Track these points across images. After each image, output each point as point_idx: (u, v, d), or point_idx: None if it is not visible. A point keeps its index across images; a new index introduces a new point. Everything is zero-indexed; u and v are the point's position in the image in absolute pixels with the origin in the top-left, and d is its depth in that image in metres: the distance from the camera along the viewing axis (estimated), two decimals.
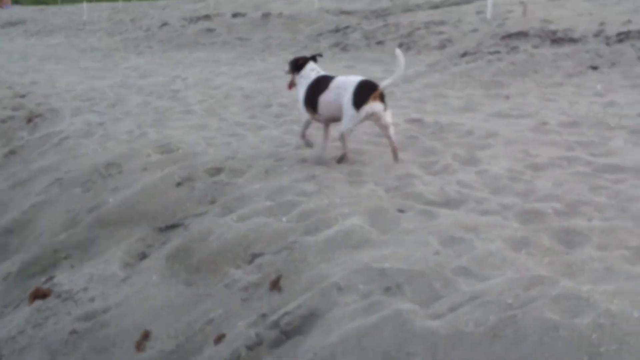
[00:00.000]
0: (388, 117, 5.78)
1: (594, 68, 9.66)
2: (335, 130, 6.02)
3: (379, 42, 14.80)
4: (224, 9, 25.97)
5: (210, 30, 19.80)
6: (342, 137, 5.86)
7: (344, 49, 15.05)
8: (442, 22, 15.81)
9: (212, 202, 5.56)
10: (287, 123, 7.83)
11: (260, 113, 8.54)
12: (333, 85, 5.85)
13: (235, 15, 23.61)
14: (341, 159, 5.97)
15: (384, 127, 5.82)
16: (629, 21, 11.92)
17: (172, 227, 5.37)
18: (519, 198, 4.76)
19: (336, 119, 5.94)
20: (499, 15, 15.19)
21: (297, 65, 6.26)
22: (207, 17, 24.21)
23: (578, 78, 9.24)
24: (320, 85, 5.99)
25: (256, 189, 5.46)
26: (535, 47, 11.46)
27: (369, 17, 20.19)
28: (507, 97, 8.62)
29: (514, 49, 11.51)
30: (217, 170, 6.10)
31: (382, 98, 5.68)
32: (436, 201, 4.85)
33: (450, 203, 4.80)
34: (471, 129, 6.94)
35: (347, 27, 17.69)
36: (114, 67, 14.85)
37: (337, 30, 17.68)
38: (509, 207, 4.60)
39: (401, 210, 4.69)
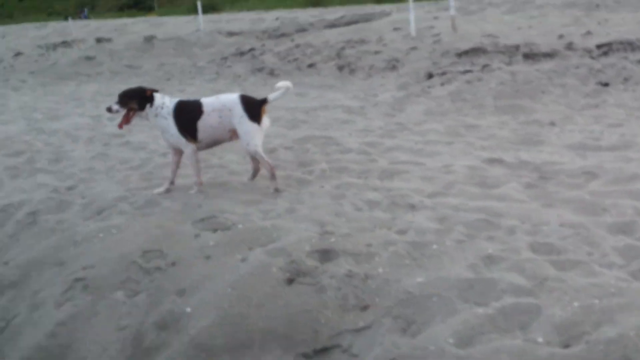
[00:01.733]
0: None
1: (605, 85, 9.03)
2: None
3: (311, 65, 13.41)
4: (80, 35, 23.17)
5: (89, 58, 17.22)
6: (258, 155, 5.54)
7: (272, 74, 13.48)
8: (362, 41, 14.77)
9: (364, 308, 3.83)
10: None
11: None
12: (208, 108, 5.51)
13: (99, 40, 21.04)
14: (272, 177, 5.58)
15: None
16: (589, 32, 11.56)
17: (324, 351, 3.66)
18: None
19: (218, 142, 5.72)
20: (424, 32, 14.42)
21: (147, 96, 5.57)
22: (65, 43, 21.42)
23: (609, 96, 8.51)
24: (189, 111, 5.56)
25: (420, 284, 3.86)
26: (508, 64, 10.71)
27: (261, 37, 18.71)
28: (552, 123, 7.66)
29: (486, 67, 10.67)
30: (325, 254, 4.30)
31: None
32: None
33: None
34: (583, 168, 5.84)
35: (252, 49, 16.10)
36: (1, 107, 12.11)
37: (241, 54, 16.03)
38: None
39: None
